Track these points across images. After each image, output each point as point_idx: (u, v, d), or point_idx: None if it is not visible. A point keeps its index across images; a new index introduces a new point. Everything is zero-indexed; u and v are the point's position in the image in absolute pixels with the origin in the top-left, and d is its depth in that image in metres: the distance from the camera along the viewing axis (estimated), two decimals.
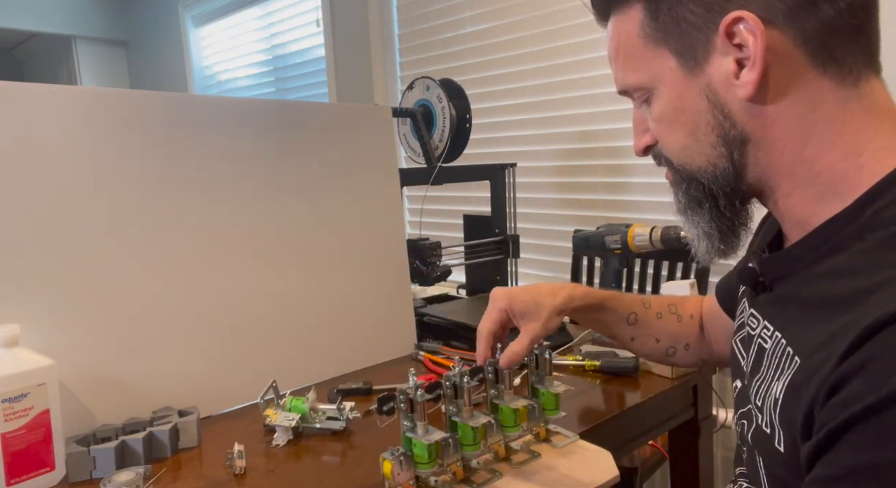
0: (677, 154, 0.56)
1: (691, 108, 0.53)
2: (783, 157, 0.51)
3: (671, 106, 0.55)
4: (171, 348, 1.01)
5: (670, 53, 0.53)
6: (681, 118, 0.54)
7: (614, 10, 0.57)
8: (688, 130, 0.54)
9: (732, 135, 0.52)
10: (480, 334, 0.79)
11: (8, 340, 0.80)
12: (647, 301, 0.88)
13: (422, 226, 2.23)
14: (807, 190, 0.51)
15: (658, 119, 0.57)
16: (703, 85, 0.52)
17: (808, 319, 0.49)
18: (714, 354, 0.88)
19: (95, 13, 3.86)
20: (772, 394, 0.51)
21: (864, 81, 0.49)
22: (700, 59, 0.52)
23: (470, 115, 1.60)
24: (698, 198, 0.56)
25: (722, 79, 0.51)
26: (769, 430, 0.51)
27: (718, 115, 0.52)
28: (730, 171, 0.53)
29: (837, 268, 0.48)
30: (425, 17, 2.30)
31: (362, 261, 1.28)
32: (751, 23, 0.48)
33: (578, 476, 0.75)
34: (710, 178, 0.55)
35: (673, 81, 0.54)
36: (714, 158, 0.54)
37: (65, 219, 0.93)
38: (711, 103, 0.52)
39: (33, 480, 0.79)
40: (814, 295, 0.49)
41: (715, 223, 0.57)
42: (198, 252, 1.06)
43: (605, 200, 1.86)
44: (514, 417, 0.79)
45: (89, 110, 0.97)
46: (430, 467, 0.70)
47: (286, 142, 1.19)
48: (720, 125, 0.52)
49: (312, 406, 0.94)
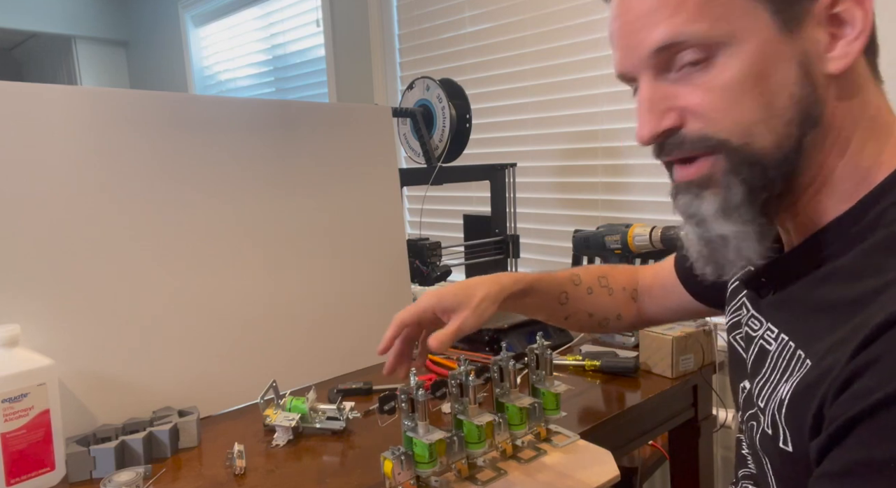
0: (743, 131, 0.47)
1: (779, 76, 0.46)
2: (832, 150, 0.48)
3: (753, 70, 0.46)
4: (171, 348, 1.01)
5: (764, 9, 0.46)
6: (760, 86, 0.46)
7: None
8: (764, 102, 0.47)
9: (813, 113, 0.47)
10: (392, 322, 0.74)
11: (8, 340, 0.80)
12: (575, 277, 0.88)
13: (422, 226, 2.23)
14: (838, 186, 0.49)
15: (725, 86, 0.47)
16: (798, 51, 0.46)
17: (818, 322, 0.48)
18: (645, 321, 0.92)
19: (95, 13, 3.86)
20: (777, 396, 0.50)
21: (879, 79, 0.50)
22: (798, 21, 0.46)
23: (470, 115, 1.60)
24: (757, 187, 0.48)
25: (815, 48, 0.46)
26: (771, 431, 0.51)
27: (807, 88, 0.46)
28: (791, 158, 0.48)
29: (844, 271, 0.47)
30: (425, 17, 2.30)
31: (362, 262, 1.28)
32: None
33: (579, 475, 0.75)
34: (772, 163, 0.48)
35: (762, 41, 0.46)
36: (783, 138, 0.47)
37: (65, 220, 0.93)
38: (804, 72, 0.46)
39: (33, 480, 0.79)
40: (822, 298, 0.48)
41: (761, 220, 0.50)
42: (198, 252, 1.06)
43: (605, 200, 1.86)
44: (520, 415, 0.79)
45: (89, 110, 0.97)
46: (430, 467, 0.70)
47: (286, 143, 1.19)
48: (805, 99, 0.47)
49: (312, 406, 0.94)
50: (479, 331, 1.23)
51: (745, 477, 0.63)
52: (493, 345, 1.22)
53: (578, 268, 0.91)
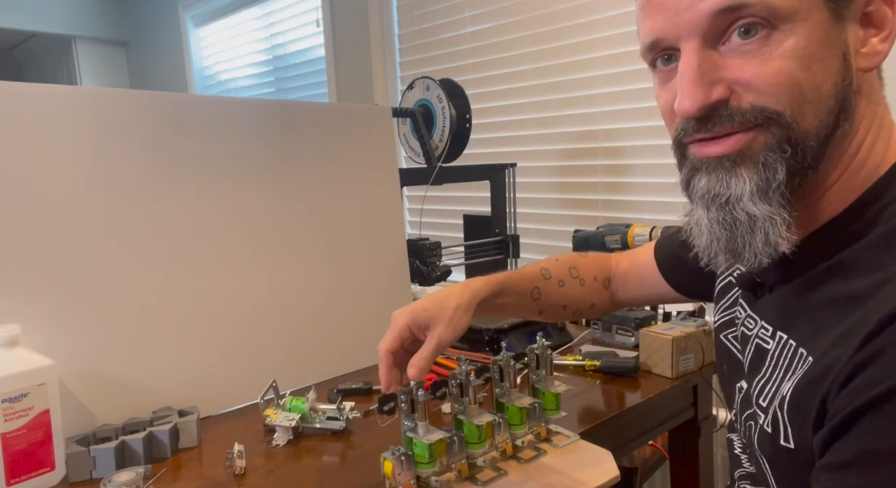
0: (796, 107, 0.46)
1: (824, 61, 0.46)
2: (851, 146, 0.49)
3: (808, 50, 0.46)
4: (171, 348, 1.01)
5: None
6: (813, 67, 0.46)
7: None
8: (815, 83, 0.46)
9: (846, 105, 0.47)
10: (379, 356, 0.72)
11: (8, 340, 0.80)
12: (545, 271, 0.88)
13: (422, 226, 2.23)
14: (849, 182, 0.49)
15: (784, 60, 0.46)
16: (843, 41, 0.47)
17: (819, 319, 0.48)
18: (618, 305, 0.95)
19: (95, 13, 3.86)
20: (779, 394, 0.50)
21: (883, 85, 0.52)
22: (845, 14, 0.47)
23: (470, 115, 1.60)
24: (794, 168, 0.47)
25: (853, 43, 0.48)
26: (771, 429, 0.51)
27: (846, 79, 0.47)
28: (823, 147, 0.47)
29: (843, 267, 0.48)
30: (425, 17, 2.30)
31: (362, 261, 1.28)
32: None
33: (579, 476, 0.75)
34: (811, 148, 0.47)
35: (818, 25, 0.46)
36: (822, 125, 0.47)
37: (65, 220, 0.93)
38: (845, 64, 0.47)
39: (33, 480, 0.79)
40: (823, 294, 0.49)
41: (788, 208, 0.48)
42: (198, 252, 1.06)
43: (605, 200, 1.86)
44: (520, 415, 0.79)
45: (89, 110, 0.97)
46: (430, 467, 0.70)
47: (286, 143, 1.19)
48: (844, 90, 0.47)
49: (312, 406, 0.94)
50: (479, 330, 1.24)
51: (743, 477, 0.63)
52: (493, 345, 1.22)
53: (547, 261, 0.90)
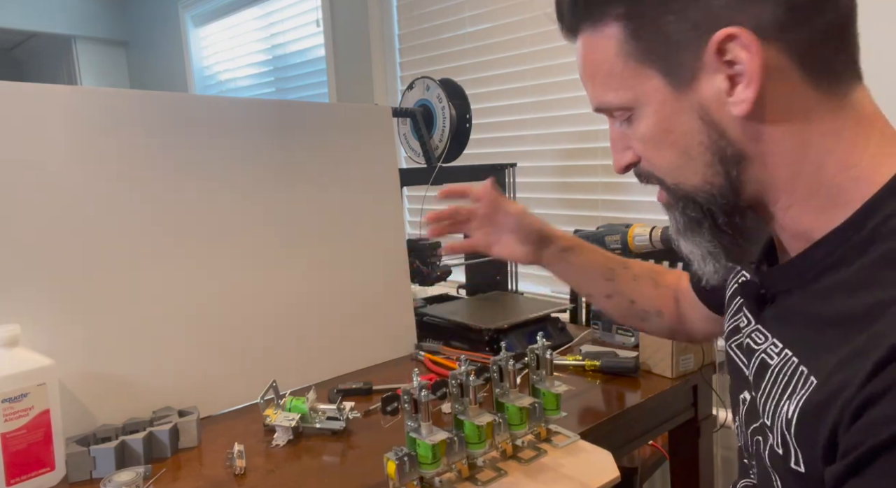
0: (669, 173, 0.54)
1: (681, 129, 0.51)
2: (781, 172, 0.50)
3: (659, 127, 0.52)
4: (171, 348, 1.01)
5: (656, 72, 0.50)
6: (670, 138, 0.52)
7: (584, 27, 0.54)
8: (679, 150, 0.52)
9: (729, 153, 0.50)
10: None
11: (8, 340, 0.80)
12: (624, 261, 0.88)
13: (422, 226, 2.23)
14: (807, 203, 0.50)
15: (644, 139, 0.54)
16: (695, 104, 0.50)
17: (823, 338, 0.47)
18: (684, 330, 0.88)
19: (95, 13, 3.86)
20: (783, 414, 0.49)
21: (851, 92, 0.49)
22: (689, 78, 0.49)
23: (470, 115, 1.60)
24: (697, 218, 0.54)
25: (714, 97, 0.49)
26: (782, 451, 0.50)
27: (713, 135, 0.50)
28: (727, 189, 0.51)
29: (846, 283, 0.47)
30: (425, 17, 2.30)
31: (362, 261, 1.28)
32: (745, 39, 0.46)
33: (579, 476, 0.75)
34: (707, 197, 0.52)
35: (660, 102, 0.51)
36: (710, 176, 0.51)
37: (65, 219, 0.93)
38: (705, 122, 0.50)
39: (33, 480, 0.79)
40: (825, 312, 0.48)
41: (717, 241, 0.54)
42: (198, 252, 1.06)
43: (605, 200, 1.86)
44: (520, 415, 0.79)
45: (89, 110, 0.97)
46: (434, 467, 0.70)
47: (286, 143, 1.19)
48: (715, 144, 0.50)
49: (312, 406, 0.94)
50: (479, 330, 1.24)
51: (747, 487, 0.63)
52: (493, 345, 1.22)
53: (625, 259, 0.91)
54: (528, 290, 1.99)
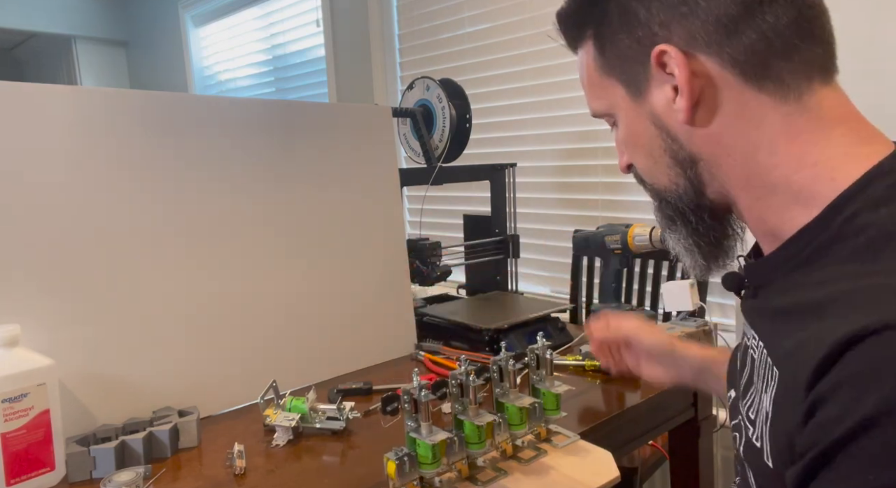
0: (646, 174, 0.60)
1: (643, 133, 0.56)
2: (735, 172, 0.53)
3: (628, 131, 0.58)
4: (171, 348, 1.01)
5: (619, 83, 0.57)
6: (638, 142, 0.58)
7: (578, 44, 0.61)
8: (646, 152, 0.58)
9: (682, 156, 0.55)
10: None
11: (8, 340, 0.80)
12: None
13: (422, 226, 2.23)
14: (769, 200, 0.52)
15: (622, 143, 0.60)
16: (649, 111, 0.55)
17: (779, 328, 0.49)
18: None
19: (95, 13, 3.86)
20: (763, 407, 0.50)
21: (808, 94, 0.50)
22: (643, 88, 0.55)
23: (470, 115, 1.60)
24: (670, 215, 0.59)
25: (663, 105, 0.54)
26: (759, 444, 0.51)
27: (667, 139, 0.55)
28: (689, 189, 0.56)
29: (808, 280, 0.48)
30: (425, 17, 2.30)
31: (362, 261, 1.28)
32: (672, 54, 0.51)
33: (579, 476, 0.75)
34: (675, 196, 0.57)
35: (625, 109, 0.57)
36: (673, 177, 0.56)
37: (65, 220, 0.93)
38: (658, 128, 0.55)
39: (33, 480, 0.79)
40: (784, 304, 0.50)
41: (692, 239, 0.59)
42: (197, 253, 1.06)
43: (605, 200, 1.86)
44: (520, 415, 0.79)
45: (89, 110, 0.97)
46: (434, 467, 0.70)
47: (286, 143, 1.19)
48: (669, 148, 0.55)
49: (312, 406, 0.94)
50: (479, 330, 1.24)
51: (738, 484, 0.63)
52: (493, 345, 1.22)
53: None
54: (528, 290, 1.99)
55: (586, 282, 1.76)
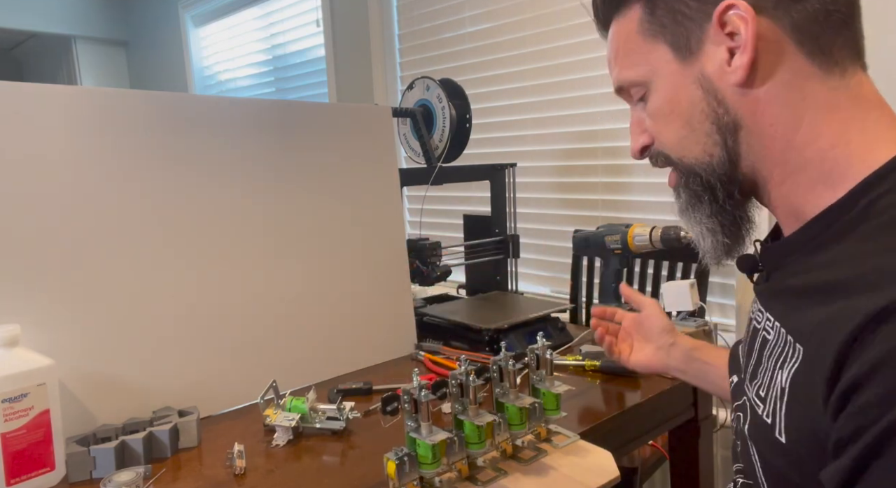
0: (675, 146, 0.58)
1: (686, 98, 0.55)
2: (774, 144, 0.53)
3: (667, 98, 0.57)
4: (171, 348, 1.01)
5: (666, 46, 0.56)
6: (676, 109, 0.56)
7: (616, 14, 0.60)
8: (683, 120, 0.56)
9: (726, 121, 0.54)
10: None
11: (8, 340, 0.80)
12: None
13: (422, 226, 2.23)
14: (798, 178, 0.52)
15: (654, 114, 0.59)
16: (698, 73, 0.54)
17: (799, 306, 0.50)
18: None
19: (95, 13, 3.86)
20: (777, 384, 0.50)
21: (850, 73, 0.51)
22: (694, 49, 0.54)
23: (470, 115, 1.60)
24: (698, 192, 0.58)
25: (715, 67, 0.53)
26: (770, 420, 0.51)
27: (713, 102, 0.54)
28: (725, 160, 0.55)
29: (833, 258, 0.48)
30: (425, 17, 2.30)
31: (362, 261, 1.28)
32: (742, 9, 0.50)
33: (579, 476, 0.75)
34: (707, 169, 0.56)
35: (669, 73, 0.56)
36: (710, 147, 0.55)
37: (65, 220, 0.93)
38: (705, 91, 0.54)
39: (33, 480, 0.79)
40: (809, 282, 0.50)
41: (717, 218, 0.58)
42: (198, 252, 1.06)
43: (605, 200, 1.86)
44: (520, 415, 0.79)
45: (89, 110, 0.97)
46: (434, 467, 0.70)
47: (286, 142, 1.19)
48: (714, 112, 0.54)
49: (312, 406, 0.94)
50: (479, 330, 1.24)
51: (738, 471, 0.64)
52: (493, 345, 1.22)
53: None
54: (528, 290, 1.99)
55: (586, 282, 1.76)
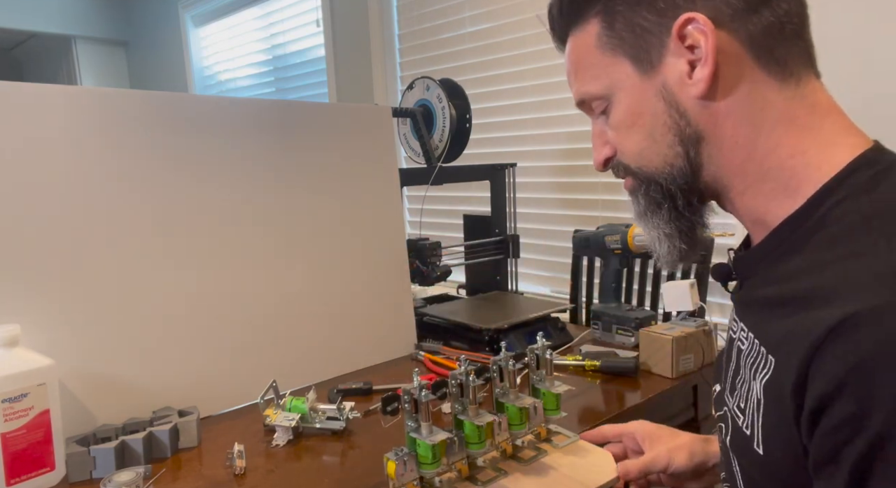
0: (636, 157, 0.59)
1: (648, 110, 0.56)
2: (735, 154, 0.54)
3: (629, 110, 0.57)
4: (171, 348, 1.01)
5: (626, 59, 0.56)
6: (638, 121, 0.57)
7: (572, 29, 0.60)
8: (645, 132, 0.57)
9: (688, 133, 0.54)
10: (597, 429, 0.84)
11: (8, 340, 0.80)
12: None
13: (422, 226, 2.23)
14: (759, 187, 0.53)
15: (617, 126, 0.59)
16: (659, 86, 0.55)
17: (771, 315, 0.50)
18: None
19: (95, 13, 3.86)
20: (753, 395, 0.51)
21: (804, 82, 0.52)
22: (655, 62, 0.54)
23: (470, 115, 1.60)
24: (657, 199, 0.59)
25: (676, 79, 0.53)
26: (749, 432, 0.51)
27: (674, 114, 0.55)
28: (687, 170, 0.56)
29: (794, 268, 0.49)
30: (425, 17, 2.30)
31: (362, 261, 1.28)
32: (701, 23, 0.51)
33: (579, 476, 0.75)
34: (668, 178, 0.57)
35: (630, 86, 0.56)
36: (671, 158, 0.56)
37: (65, 219, 0.93)
38: (667, 103, 0.55)
39: (33, 480, 0.79)
40: (774, 293, 0.51)
41: (674, 224, 0.59)
42: (198, 252, 1.06)
43: (605, 200, 1.86)
44: (520, 415, 0.79)
45: (89, 110, 0.97)
46: (434, 467, 0.70)
47: (286, 143, 1.19)
48: (676, 124, 0.55)
49: (312, 406, 0.94)
50: (479, 330, 1.24)
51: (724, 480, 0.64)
52: (493, 345, 1.22)
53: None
54: (528, 290, 1.99)
55: (586, 282, 1.76)
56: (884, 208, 0.46)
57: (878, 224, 0.45)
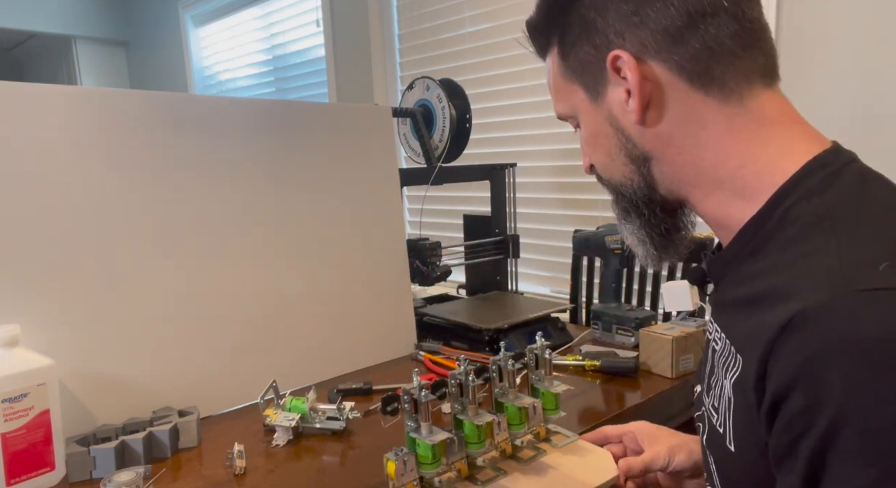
0: (603, 170, 0.64)
1: (602, 133, 0.61)
2: (685, 170, 0.57)
3: (589, 131, 0.63)
4: (171, 348, 1.01)
5: (580, 87, 0.61)
6: (598, 141, 0.62)
7: (544, 56, 0.67)
8: (605, 151, 0.62)
9: (636, 154, 0.59)
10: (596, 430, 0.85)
11: (8, 340, 0.80)
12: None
13: (422, 226, 2.23)
14: (717, 195, 0.56)
15: (584, 143, 0.65)
16: (606, 113, 0.59)
17: (739, 316, 0.53)
18: None
19: (95, 13, 3.86)
20: (725, 394, 0.53)
21: (749, 97, 0.54)
22: (601, 91, 0.59)
23: (470, 115, 1.60)
24: (626, 208, 0.63)
25: (618, 107, 0.58)
26: (722, 430, 0.54)
27: (622, 138, 0.59)
28: (642, 185, 0.60)
29: (757, 270, 0.52)
30: (425, 17, 2.30)
31: (363, 261, 1.28)
32: (625, 59, 0.55)
33: (578, 476, 0.75)
34: (630, 191, 0.62)
35: (586, 111, 0.62)
36: (628, 174, 0.61)
37: (65, 219, 0.93)
38: (614, 128, 0.59)
39: (33, 480, 0.79)
40: (742, 294, 0.53)
41: (645, 230, 0.63)
42: (197, 252, 1.06)
43: (606, 200, 1.85)
44: (519, 415, 0.79)
45: (89, 110, 0.97)
46: (434, 467, 0.70)
47: (286, 142, 1.19)
48: (624, 146, 0.59)
49: (312, 406, 0.94)
50: (478, 330, 1.24)
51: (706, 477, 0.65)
52: (493, 345, 1.22)
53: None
54: (528, 290, 1.99)
55: (586, 282, 1.76)
56: (834, 209, 0.48)
57: (828, 225, 0.47)
